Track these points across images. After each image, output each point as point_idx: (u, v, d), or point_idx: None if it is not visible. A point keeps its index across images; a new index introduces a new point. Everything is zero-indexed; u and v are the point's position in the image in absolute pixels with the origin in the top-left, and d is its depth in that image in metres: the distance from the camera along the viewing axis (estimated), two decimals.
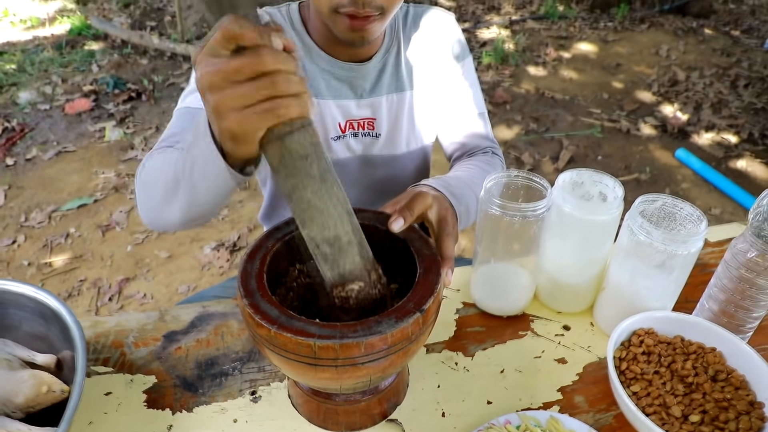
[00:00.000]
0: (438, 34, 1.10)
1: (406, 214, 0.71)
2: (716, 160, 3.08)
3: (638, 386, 0.69)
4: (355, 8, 0.85)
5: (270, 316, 0.58)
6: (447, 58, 1.12)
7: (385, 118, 1.08)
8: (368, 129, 1.08)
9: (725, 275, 0.77)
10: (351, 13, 0.86)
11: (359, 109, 1.05)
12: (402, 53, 1.07)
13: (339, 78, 1.03)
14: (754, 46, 4.62)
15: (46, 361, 0.75)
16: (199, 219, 0.80)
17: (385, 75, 1.05)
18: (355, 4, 0.85)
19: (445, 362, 0.81)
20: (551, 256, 0.86)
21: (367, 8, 0.86)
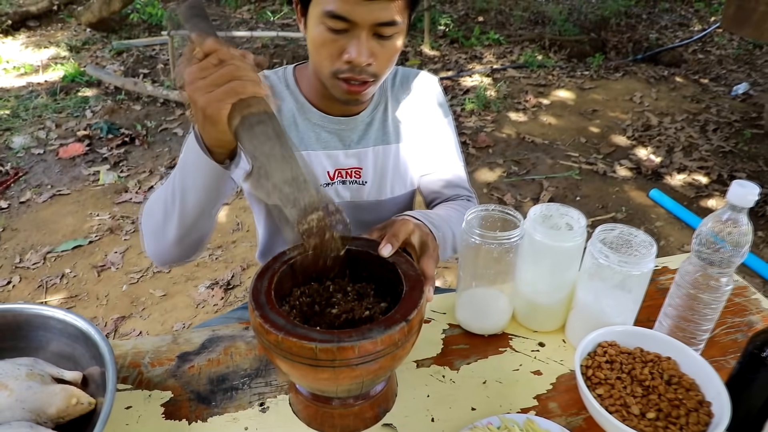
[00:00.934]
0: (423, 94, 1.22)
1: (392, 240, 0.82)
2: (688, 200, 3.24)
3: (602, 389, 0.79)
4: (352, 74, 0.98)
5: (278, 325, 0.68)
6: (431, 116, 1.23)
7: (371, 168, 1.18)
8: (355, 177, 1.18)
9: (677, 294, 0.88)
10: (348, 78, 0.99)
11: (347, 159, 1.16)
12: (389, 109, 1.19)
13: (329, 131, 1.14)
14: (721, 93, 4.87)
15: (74, 377, 0.84)
16: (193, 234, 0.94)
17: (372, 128, 1.17)
18: (352, 71, 0.98)
19: (433, 375, 0.91)
20: (526, 280, 0.97)
21: (362, 74, 0.99)
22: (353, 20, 0.92)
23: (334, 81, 1.01)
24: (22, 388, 0.76)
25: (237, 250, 2.79)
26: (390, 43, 0.98)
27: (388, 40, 0.98)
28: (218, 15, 7.23)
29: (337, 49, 0.96)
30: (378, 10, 0.92)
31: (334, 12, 0.91)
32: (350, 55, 0.95)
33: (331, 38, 0.95)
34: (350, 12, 0.91)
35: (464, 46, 6.01)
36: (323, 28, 0.95)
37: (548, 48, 5.90)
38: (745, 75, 5.35)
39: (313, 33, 0.98)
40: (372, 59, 0.97)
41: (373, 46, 0.96)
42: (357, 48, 0.94)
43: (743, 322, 1.04)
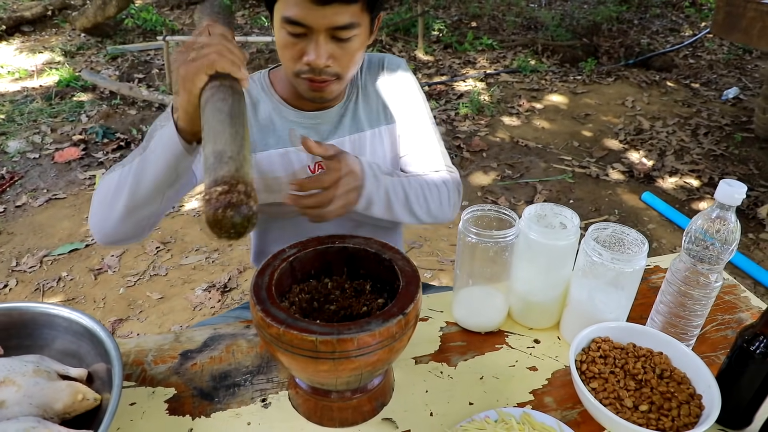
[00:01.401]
0: (391, 76, 1.23)
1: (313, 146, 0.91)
2: (680, 203, 3.27)
3: (596, 383, 0.82)
4: (312, 75, 1.03)
5: (279, 318, 0.70)
6: (401, 96, 1.23)
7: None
8: None
9: (668, 291, 0.90)
10: (309, 78, 1.03)
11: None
12: (360, 98, 1.21)
13: (305, 126, 1.17)
14: (712, 98, 4.92)
15: (79, 374, 0.85)
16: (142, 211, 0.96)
17: (345, 119, 1.19)
18: (312, 72, 1.02)
19: (431, 371, 0.93)
20: (521, 278, 0.99)
21: (323, 75, 1.03)
22: (309, 25, 0.96)
23: (298, 80, 1.06)
24: (30, 384, 0.78)
25: (233, 253, 2.81)
26: (349, 45, 1.01)
27: (347, 42, 1.01)
28: None
29: (297, 52, 1.01)
30: (332, 15, 0.95)
31: (290, 18, 0.96)
32: (309, 58, 0.99)
33: (292, 41, 1.00)
34: (305, 17, 0.95)
35: (458, 51, 6.06)
36: (284, 33, 0.99)
37: (541, 53, 5.96)
38: (735, 80, 5.42)
39: (276, 37, 1.03)
40: (331, 61, 1.01)
41: (332, 49, 1.00)
42: (315, 51, 0.99)
43: (733, 319, 1.07)
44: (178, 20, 7.24)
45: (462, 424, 0.80)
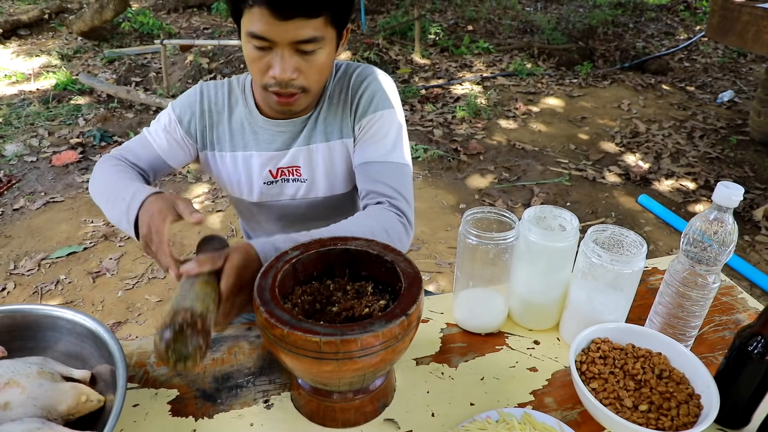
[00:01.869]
0: (356, 88, 1.19)
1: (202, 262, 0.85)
2: (676, 205, 3.29)
3: (596, 383, 0.82)
4: (279, 88, 1.05)
5: (283, 319, 0.71)
6: (361, 109, 1.19)
7: (307, 165, 1.23)
8: (296, 175, 1.25)
9: (666, 292, 0.91)
10: (276, 91, 1.06)
11: (285, 158, 1.22)
12: (323, 108, 1.20)
13: (271, 133, 1.20)
14: (707, 101, 4.95)
15: (83, 376, 0.86)
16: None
17: (306, 128, 1.21)
18: (279, 85, 1.04)
19: (432, 372, 0.94)
20: (521, 280, 1.00)
21: (289, 88, 1.05)
22: (272, 39, 0.98)
23: (266, 93, 1.08)
24: (34, 386, 0.78)
25: None
26: (314, 58, 1.03)
27: (312, 55, 1.02)
28: (210, 24, 7.26)
29: (264, 65, 1.03)
30: (294, 29, 0.96)
31: (254, 33, 0.97)
32: (274, 72, 1.02)
33: (258, 55, 1.01)
34: (268, 32, 0.97)
35: (454, 55, 6.08)
36: (250, 47, 1.01)
37: (537, 56, 5.98)
38: (730, 83, 5.45)
39: (244, 50, 1.05)
40: (296, 74, 1.02)
41: (297, 62, 1.02)
42: (280, 65, 1.00)
43: (731, 320, 1.08)
44: (175, 24, 7.25)
45: (464, 425, 0.80)
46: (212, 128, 1.23)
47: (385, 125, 1.18)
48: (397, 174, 1.16)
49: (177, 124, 1.21)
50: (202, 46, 5.33)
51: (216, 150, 1.24)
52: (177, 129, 1.21)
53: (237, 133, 1.22)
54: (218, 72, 5.15)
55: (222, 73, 5.14)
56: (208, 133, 1.23)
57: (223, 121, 1.22)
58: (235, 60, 5.25)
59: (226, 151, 1.23)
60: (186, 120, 1.21)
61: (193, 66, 5.20)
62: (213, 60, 5.30)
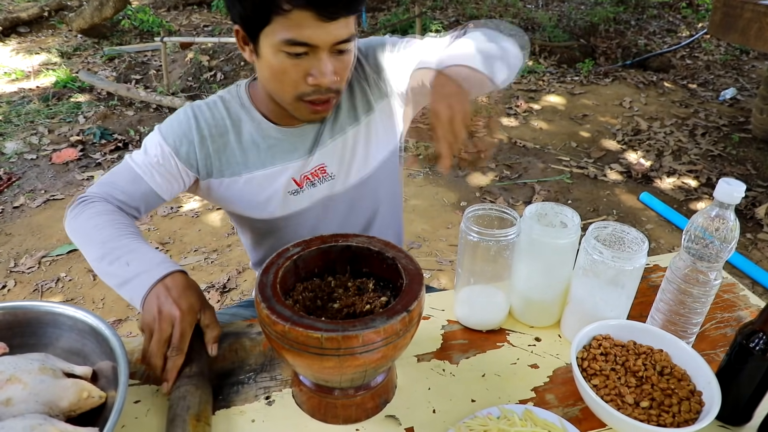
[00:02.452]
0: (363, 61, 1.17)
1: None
2: (678, 203, 3.29)
3: (598, 380, 0.82)
4: (318, 95, 1.00)
5: (284, 316, 0.71)
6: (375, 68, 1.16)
7: (335, 161, 1.16)
8: (322, 175, 1.17)
9: (668, 289, 0.91)
10: (314, 99, 1.00)
11: (309, 163, 1.14)
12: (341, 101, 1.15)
13: (289, 142, 1.13)
14: (709, 98, 4.95)
15: (84, 372, 0.86)
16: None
17: (327, 125, 1.14)
18: (318, 92, 0.99)
19: (433, 369, 0.94)
20: (522, 277, 1.00)
21: (328, 93, 1.00)
22: (314, 44, 0.92)
23: (297, 104, 1.02)
24: (36, 382, 0.78)
25: (232, 254, 2.81)
26: (347, 57, 1.00)
27: (346, 54, 0.99)
28: (210, 21, 7.25)
29: (299, 74, 0.97)
30: (336, 30, 0.93)
31: (293, 39, 0.91)
32: (315, 78, 0.96)
33: (292, 64, 0.95)
34: (311, 37, 0.91)
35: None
36: (282, 56, 0.94)
37: (538, 54, 5.97)
38: (732, 80, 5.44)
39: (271, 62, 0.96)
40: (335, 76, 0.98)
41: (334, 63, 0.97)
42: (321, 70, 0.95)
43: (732, 317, 1.08)
44: (175, 21, 7.25)
45: (465, 421, 0.80)
46: (218, 154, 1.11)
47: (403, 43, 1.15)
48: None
49: (172, 156, 1.08)
50: (203, 43, 5.33)
51: (225, 176, 1.12)
52: (172, 161, 1.09)
53: (250, 152, 1.12)
54: (218, 69, 5.15)
55: (222, 70, 5.14)
56: (214, 161, 1.11)
57: (230, 143, 1.12)
58: (235, 58, 5.24)
59: (240, 174, 1.12)
60: (184, 150, 1.09)
61: (193, 63, 5.20)
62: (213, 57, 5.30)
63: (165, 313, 0.86)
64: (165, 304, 0.86)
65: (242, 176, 1.12)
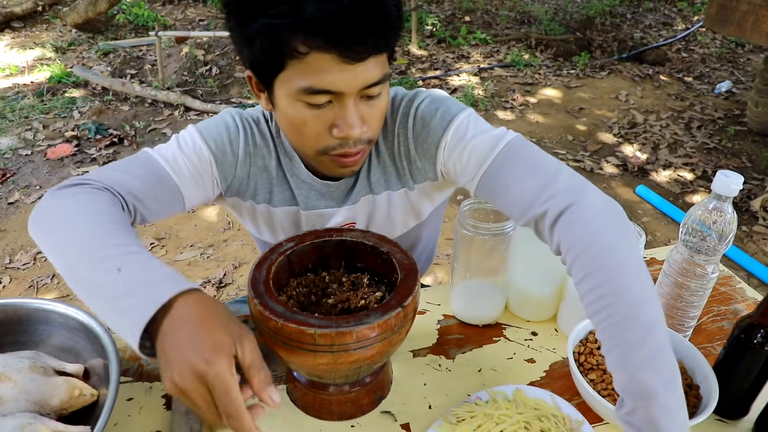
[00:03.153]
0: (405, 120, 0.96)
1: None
2: (674, 196, 3.29)
3: (594, 375, 0.82)
4: (347, 149, 0.85)
5: (277, 312, 0.70)
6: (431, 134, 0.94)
7: (365, 218, 1.06)
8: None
9: (665, 282, 0.91)
10: (342, 153, 0.86)
11: (338, 217, 1.04)
12: (374, 156, 1.00)
13: (319, 191, 1.01)
14: (705, 92, 4.94)
15: (76, 370, 0.85)
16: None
17: (360, 180, 1.01)
18: (345, 146, 0.84)
19: (429, 364, 0.93)
20: (519, 271, 0.99)
21: (358, 145, 0.85)
22: (339, 91, 0.78)
23: (322, 158, 0.88)
24: (26, 380, 0.77)
25: (228, 249, 2.80)
26: (379, 102, 0.84)
27: (377, 99, 0.83)
28: (205, 15, 7.22)
29: (323, 126, 0.82)
30: (364, 72, 0.77)
31: (313, 88, 0.77)
32: (341, 131, 0.82)
33: (314, 115, 0.81)
34: (334, 83, 0.76)
35: (451, 46, 6.05)
36: (301, 106, 0.80)
37: (534, 47, 5.96)
38: (727, 73, 5.44)
39: (288, 113, 0.83)
40: (365, 126, 0.83)
41: (363, 111, 0.82)
42: (349, 121, 0.81)
43: (729, 310, 1.08)
44: (170, 15, 7.20)
45: (452, 409, 0.80)
46: (255, 177, 0.99)
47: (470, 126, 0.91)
48: (524, 158, 0.85)
49: (213, 164, 0.94)
50: (198, 37, 5.29)
51: (254, 200, 1.02)
52: (210, 168, 0.94)
53: (281, 186, 1.01)
54: (214, 64, 5.12)
55: (218, 65, 5.11)
56: (250, 182, 1.00)
57: (268, 168, 0.99)
58: (230, 52, 5.21)
59: (267, 204, 1.02)
60: (226, 162, 0.95)
61: (189, 58, 5.17)
62: (208, 52, 5.27)
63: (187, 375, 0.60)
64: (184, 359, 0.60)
65: (265, 206, 1.03)
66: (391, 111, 0.97)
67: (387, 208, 1.05)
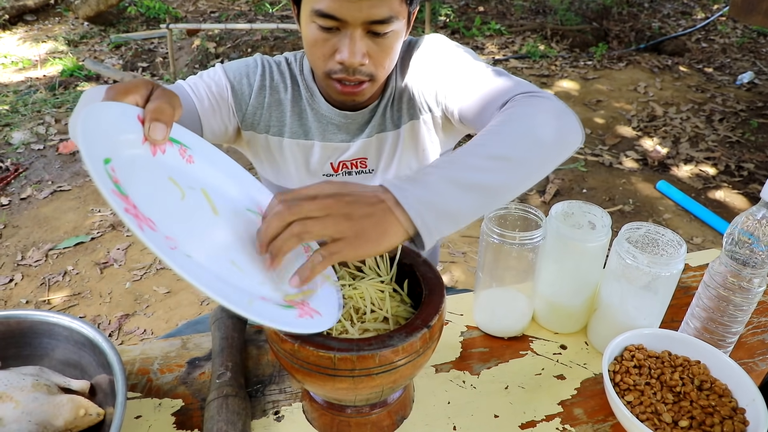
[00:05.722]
0: (423, 56, 1.07)
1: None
2: (696, 192, 3.20)
3: (632, 396, 0.76)
4: (345, 75, 0.94)
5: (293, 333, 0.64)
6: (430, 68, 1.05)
7: (375, 156, 1.13)
8: (361, 167, 1.14)
9: (705, 295, 0.84)
10: (341, 78, 0.95)
11: (350, 150, 1.12)
12: (395, 92, 1.10)
13: (335, 123, 1.09)
14: (726, 83, 4.82)
15: (81, 387, 0.80)
16: None
17: (376, 117, 1.10)
18: (345, 72, 0.93)
19: (453, 381, 0.88)
20: (547, 281, 0.94)
21: (357, 75, 0.94)
22: (343, 19, 0.87)
23: (327, 81, 0.98)
24: (28, 400, 0.73)
25: None
26: (386, 42, 0.93)
27: (384, 38, 0.92)
28: (216, 7, 7.17)
29: (329, 49, 0.92)
30: (369, 8, 0.86)
31: (322, 11, 0.87)
32: (342, 56, 0.91)
33: (323, 37, 0.91)
34: (339, 10, 0.86)
35: (465, 37, 5.96)
36: (314, 27, 0.91)
37: (550, 38, 5.85)
38: (749, 63, 5.30)
39: (305, 31, 0.94)
40: (366, 59, 0.92)
41: (368, 45, 0.92)
42: (349, 48, 0.90)
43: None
44: (181, 7, 7.16)
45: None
46: (269, 108, 1.09)
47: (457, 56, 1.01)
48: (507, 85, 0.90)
49: (227, 90, 1.05)
50: (209, 30, 5.25)
51: (267, 133, 1.10)
52: (226, 94, 1.05)
53: (296, 119, 1.10)
54: (225, 56, 5.08)
55: (229, 57, 5.06)
56: (264, 113, 1.09)
57: (283, 103, 1.09)
58: (242, 44, 5.17)
59: (281, 137, 1.10)
60: (241, 91, 1.06)
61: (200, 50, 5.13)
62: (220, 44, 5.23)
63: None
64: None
65: (282, 139, 1.10)
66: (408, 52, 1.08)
67: (398, 144, 1.12)
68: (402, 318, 0.75)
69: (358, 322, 0.73)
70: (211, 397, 0.78)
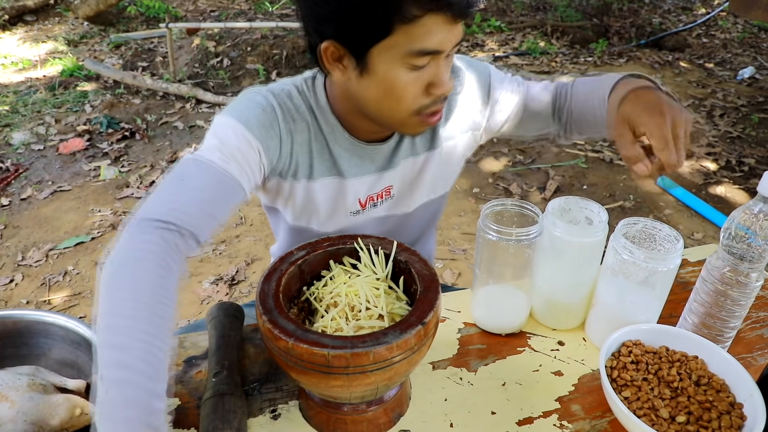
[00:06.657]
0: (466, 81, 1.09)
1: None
2: (696, 187, 3.19)
3: (629, 392, 0.76)
4: (438, 106, 0.89)
5: (287, 330, 0.65)
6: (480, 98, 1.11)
7: (399, 181, 1.08)
8: (386, 196, 1.08)
9: (703, 290, 0.84)
10: (434, 111, 0.89)
11: (378, 182, 1.05)
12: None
13: (360, 155, 1.01)
14: (727, 78, 4.81)
15: (77, 386, 0.80)
16: None
17: (402, 144, 1.04)
18: (438, 103, 0.88)
19: (450, 378, 0.87)
20: (544, 277, 0.93)
21: (443, 102, 0.90)
22: (442, 50, 0.82)
23: (411, 119, 0.89)
24: (24, 400, 0.73)
25: (241, 245, 2.76)
26: (452, 59, 0.90)
27: (452, 56, 0.89)
28: (216, 6, 7.16)
29: (421, 86, 0.85)
30: (459, 30, 0.83)
31: (424, 50, 0.80)
32: (444, 89, 0.86)
33: (414, 77, 0.83)
34: (441, 43, 0.81)
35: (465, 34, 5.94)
36: (404, 70, 0.82)
37: (550, 34, 5.84)
38: (750, 59, 5.29)
39: (388, 78, 0.83)
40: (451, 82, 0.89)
41: (448, 68, 0.88)
42: (443, 77, 0.85)
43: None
44: (181, 7, 7.16)
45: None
46: (295, 154, 0.98)
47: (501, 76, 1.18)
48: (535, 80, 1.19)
49: (259, 152, 0.92)
50: (209, 29, 5.25)
51: (295, 178, 1.00)
52: (257, 156, 0.92)
53: (318, 157, 0.99)
54: (225, 55, 5.07)
55: (229, 56, 5.06)
56: (292, 160, 0.98)
57: (307, 143, 0.98)
58: (242, 43, 5.16)
59: (309, 179, 1.00)
60: (271, 146, 0.94)
61: (200, 50, 5.13)
62: (220, 43, 5.22)
63: None
64: None
65: (305, 182, 1.01)
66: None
67: (422, 168, 1.08)
68: (397, 315, 0.75)
69: (353, 319, 0.73)
70: (207, 395, 0.78)
